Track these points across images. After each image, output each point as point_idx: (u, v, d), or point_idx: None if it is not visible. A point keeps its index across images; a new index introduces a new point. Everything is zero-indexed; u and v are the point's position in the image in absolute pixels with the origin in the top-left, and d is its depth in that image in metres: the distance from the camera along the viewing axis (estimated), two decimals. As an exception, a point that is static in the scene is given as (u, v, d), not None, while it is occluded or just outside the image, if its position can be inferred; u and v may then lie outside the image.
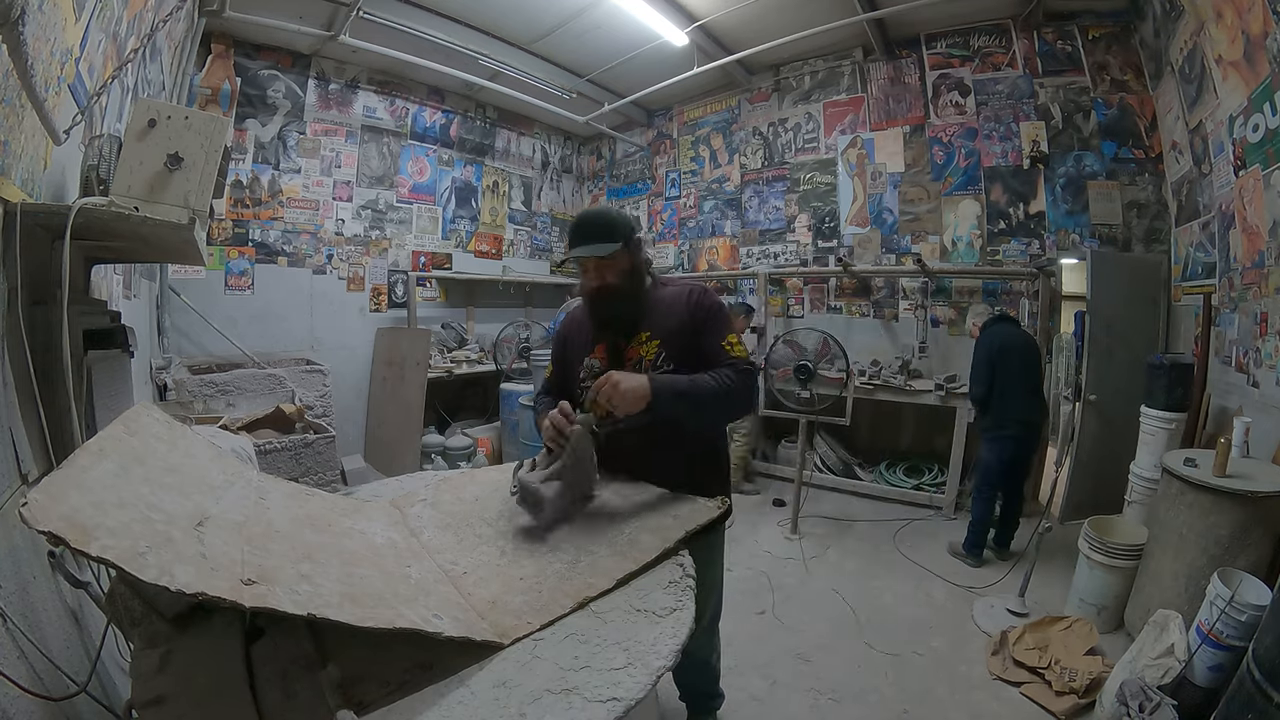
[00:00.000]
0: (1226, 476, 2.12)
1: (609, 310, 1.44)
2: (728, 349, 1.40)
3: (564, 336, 1.63)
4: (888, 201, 4.69)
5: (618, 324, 1.45)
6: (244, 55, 4.08)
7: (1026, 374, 3.15)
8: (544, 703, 0.73)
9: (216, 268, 4.10)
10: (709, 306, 1.44)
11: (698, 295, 1.45)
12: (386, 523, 1.19)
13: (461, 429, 5.05)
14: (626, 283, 1.43)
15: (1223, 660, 1.77)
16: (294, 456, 2.64)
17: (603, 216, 1.43)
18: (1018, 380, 3.12)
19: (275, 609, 0.68)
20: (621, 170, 6.62)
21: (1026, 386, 3.15)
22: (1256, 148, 2.49)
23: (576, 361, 1.52)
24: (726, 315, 1.48)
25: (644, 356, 1.41)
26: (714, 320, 1.43)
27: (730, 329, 1.44)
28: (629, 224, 1.45)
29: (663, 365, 1.39)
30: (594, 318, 1.48)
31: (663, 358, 1.39)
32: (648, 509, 1.26)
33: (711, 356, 1.39)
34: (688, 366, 1.37)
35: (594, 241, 1.38)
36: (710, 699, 1.88)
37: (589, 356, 1.49)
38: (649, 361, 1.40)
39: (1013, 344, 3.18)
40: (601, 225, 1.40)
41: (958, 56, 4.31)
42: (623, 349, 1.44)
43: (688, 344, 1.40)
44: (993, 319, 3.41)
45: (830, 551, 3.38)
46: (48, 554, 1.07)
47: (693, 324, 1.41)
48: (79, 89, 1.50)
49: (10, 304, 1.07)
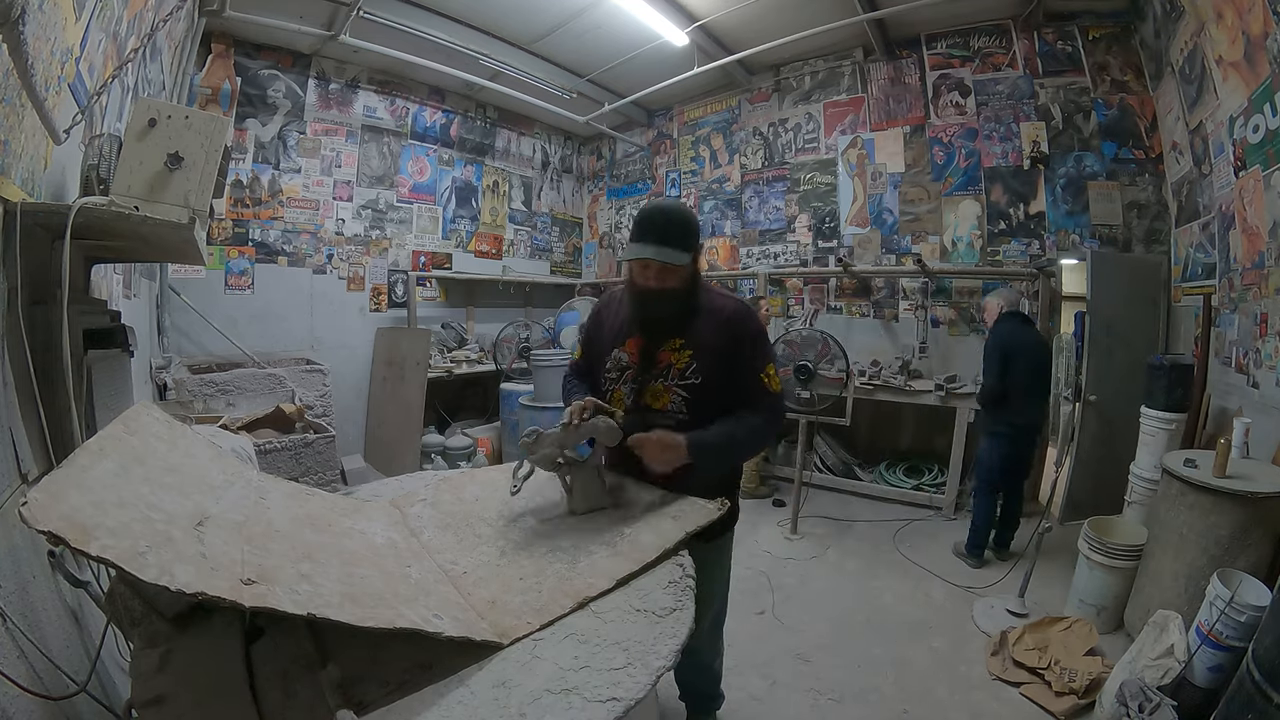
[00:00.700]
0: (1226, 477, 2.12)
1: (654, 312, 1.41)
2: (765, 382, 1.41)
3: (599, 318, 1.58)
4: (888, 202, 4.69)
5: (658, 326, 1.43)
6: (244, 55, 4.08)
7: (1034, 375, 3.12)
8: (544, 703, 0.73)
9: (216, 267, 4.10)
10: (753, 335, 1.43)
11: (742, 319, 1.43)
12: (386, 523, 1.19)
13: (461, 429, 5.05)
14: (682, 290, 1.39)
15: (1222, 661, 1.77)
16: (294, 456, 2.63)
17: (682, 218, 1.38)
18: (1024, 381, 3.08)
19: (275, 609, 0.68)
20: (622, 170, 6.62)
21: (1032, 388, 3.12)
22: (1257, 148, 2.49)
23: (606, 348, 1.50)
24: (768, 342, 1.49)
25: (674, 364, 1.39)
26: (756, 349, 1.42)
27: (769, 358, 1.44)
28: (698, 227, 1.42)
29: (690, 376, 1.38)
30: (636, 313, 1.45)
31: (692, 369, 1.38)
32: (648, 509, 1.26)
33: (747, 390, 1.40)
34: (715, 382, 1.38)
35: (669, 246, 1.33)
36: (710, 700, 1.88)
37: (619, 348, 1.47)
38: (677, 370, 1.39)
39: (1024, 342, 3.13)
40: (679, 228, 1.35)
41: (958, 57, 4.31)
42: (654, 351, 1.42)
43: (722, 365, 1.39)
44: (1005, 314, 3.30)
45: (830, 551, 3.38)
46: (47, 553, 1.07)
47: (733, 348, 1.40)
48: (79, 88, 1.50)
49: (10, 303, 1.07)
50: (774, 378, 1.43)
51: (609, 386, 1.46)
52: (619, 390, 1.44)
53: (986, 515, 3.20)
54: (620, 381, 1.45)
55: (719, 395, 1.39)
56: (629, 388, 1.43)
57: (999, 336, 3.19)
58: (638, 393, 1.41)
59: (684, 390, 1.39)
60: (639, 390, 1.41)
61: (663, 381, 1.40)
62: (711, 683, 1.85)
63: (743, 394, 1.40)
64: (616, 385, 1.45)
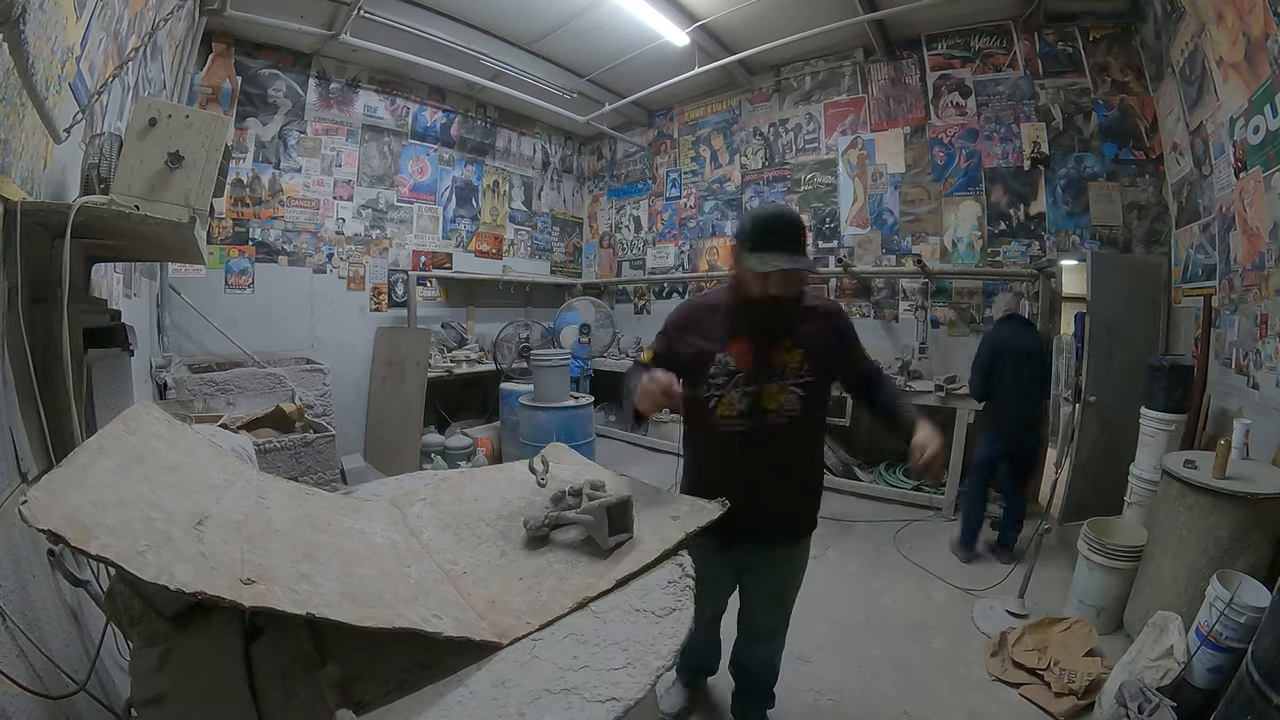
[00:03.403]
0: (1226, 478, 2.12)
1: (771, 317, 1.42)
2: (872, 359, 1.64)
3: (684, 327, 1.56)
4: (888, 202, 4.69)
5: (770, 329, 1.45)
6: (245, 54, 4.09)
7: (1021, 376, 3.19)
8: (543, 702, 0.73)
9: (217, 266, 4.10)
10: (850, 330, 1.60)
11: (839, 314, 1.60)
12: (386, 522, 1.19)
13: (461, 428, 5.05)
14: (798, 295, 1.45)
15: (1222, 662, 1.77)
16: (294, 455, 2.63)
17: (801, 224, 1.40)
18: (1013, 381, 3.18)
19: (275, 608, 0.68)
20: (622, 170, 6.62)
21: (1020, 389, 3.19)
22: (1257, 149, 2.49)
23: (699, 355, 1.48)
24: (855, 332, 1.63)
25: (788, 363, 1.45)
26: (856, 340, 1.60)
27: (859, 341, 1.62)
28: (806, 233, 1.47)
29: (806, 375, 1.45)
30: (747, 320, 1.45)
31: (806, 369, 1.45)
32: (649, 510, 1.26)
33: (869, 371, 1.62)
34: (825, 377, 1.51)
35: (794, 253, 1.35)
36: (766, 696, 1.91)
37: (721, 353, 1.47)
38: (792, 369, 1.45)
39: (1012, 345, 3.24)
40: (798, 235, 1.38)
41: (958, 57, 4.31)
42: (768, 353, 1.45)
43: (832, 362, 1.51)
44: (1003, 317, 3.45)
45: (830, 552, 3.38)
46: (47, 552, 1.07)
47: (840, 344, 1.54)
48: (80, 87, 1.50)
49: (10, 303, 1.07)
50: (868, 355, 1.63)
51: (713, 392, 1.46)
52: (729, 395, 1.45)
53: (972, 509, 3.28)
54: (730, 386, 1.45)
55: (826, 390, 1.54)
56: (741, 391, 1.45)
57: (988, 339, 3.39)
58: (756, 395, 1.45)
59: (799, 389, 1.45)
60: (757, 393, 1.45)
61: (779, 382, 1.45)
62: (772, 675, 1.89)
63: (864, 374, 1.61)
64: (726, 389, 1.46)
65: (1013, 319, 3.39)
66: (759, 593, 1.72)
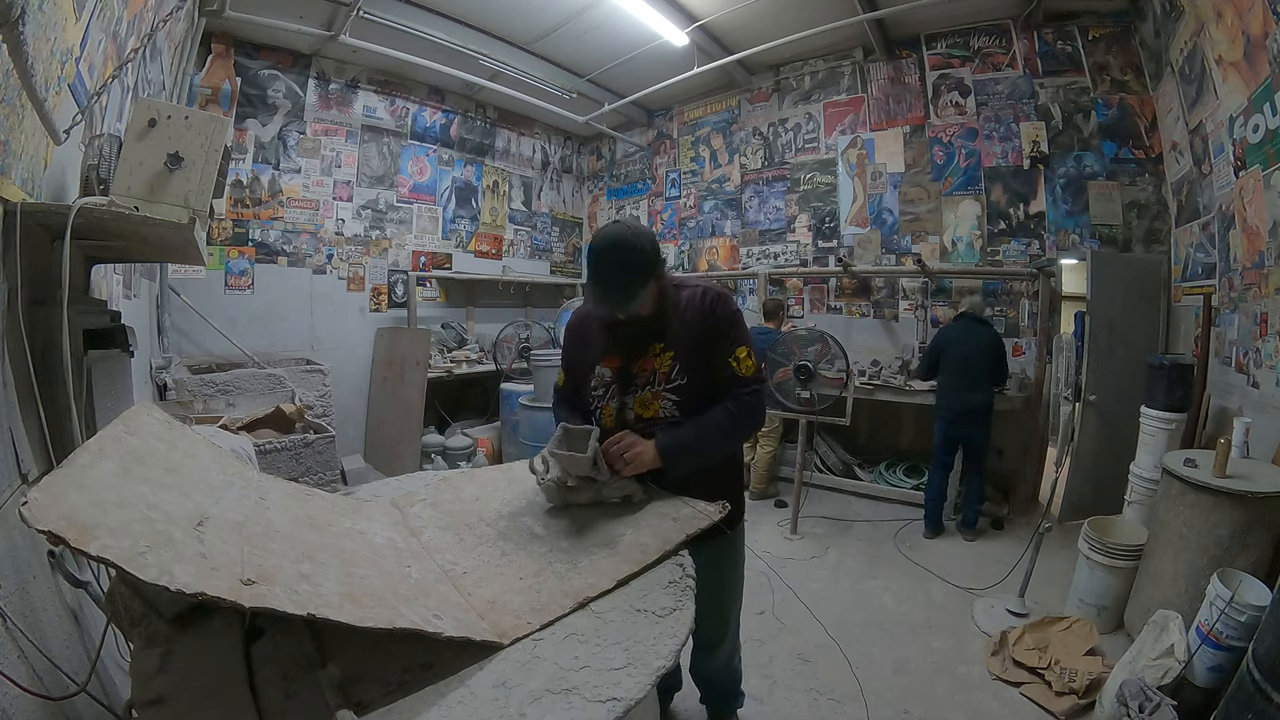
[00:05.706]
0: (1226, 477, 2.12)
1: (631, 331, 1.40)
2: (735, 367, 1.37)
3: (576, 338, 1.56)
4: (888, 202, 4.69)
5: (638, 339, 1.41)
6: (244, 55, 4.09)
7: (968, 369, 3.48)
8: (544, 703, 0.73)
9: (216, 267, 4.10)
10: (724, 316, 1.39)
11: (712, 301, 1.39)
12: (386, 523, 1.19)
13: (461, 429, 5.05)
14: (654, 310, 1.37)
15: (1222, 661, 1.77)
16: (294, 456, 2.63)
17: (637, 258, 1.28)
18: (954, 372, 3.52)
19: (275, 609, 0.68)
20: (621, 170, 6.62)
21: (965, 379, 3.48)
22: (1256, 148, 2.49)
23: (588, 367, 1.47)
24: (739, 324, 1.42)
25: (657, 369, 1.38)
26: (727, 331, 1.38)
27: (742, 340, 1.40)
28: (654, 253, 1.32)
29: (676, 378, 1.36)
30: (616, 331, 1.42)
31: (676, 370, 1.36)
32: (649, 511, 1.26)
33: (720, 377, 1.37)
34: (701, 376, 1.36)
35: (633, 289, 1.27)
36: (732, 698, 1.88)
37: (600, 364, 1.44)
38: (662, 374, 1.37)
39: (956, 339, 3.55)
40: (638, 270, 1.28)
41: (958, 57, 4.31)
42: (635, 361, 1.40)
43: (702, 355, 1.37)
44: (958, 315, 3.70)
45: (830, 551, 3.38)
46: (47, 553, 1.07)
47: (707, 333, 1.37)
48: (79, 89, 1.50)
49: (10, 304, 1.07)
50: (745, 361, 1.38)
51: (596, 405, 1.44)
52: (608, 406, 1.42)
53: (932, 489, 3.62)
54: (607, 398, 1.42)
55: (709, 389, 1.36)
56: (618, 401, 1.41)
57: (940, 331, 3.80)
58: (626, 406, 1.40)
59: (673, 393, 1.36)
60: (627, 404, 1.40)
61: (650, 389, 1.38)
62: (732, 681, 1.85)
63: (719, 385, 1.37)
64: (604, 402, 1.43)
65: (965, 316, 3.63)
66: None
